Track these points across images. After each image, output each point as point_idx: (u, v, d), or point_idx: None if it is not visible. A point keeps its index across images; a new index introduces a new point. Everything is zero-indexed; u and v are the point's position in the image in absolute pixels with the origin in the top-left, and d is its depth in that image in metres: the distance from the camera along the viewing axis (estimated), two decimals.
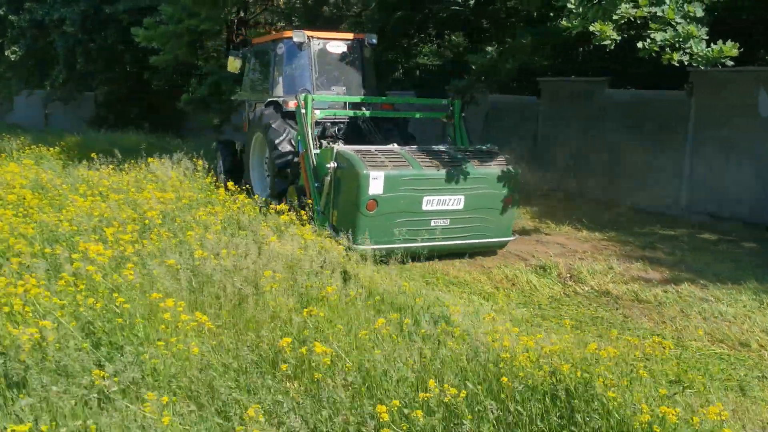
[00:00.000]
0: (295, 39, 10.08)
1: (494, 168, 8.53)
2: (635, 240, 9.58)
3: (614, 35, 6.86)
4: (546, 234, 10.16)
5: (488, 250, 8.93)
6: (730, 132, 10.94)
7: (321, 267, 6.06)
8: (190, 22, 12.20)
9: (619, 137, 12.82)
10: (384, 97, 10.76)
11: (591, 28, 6.76)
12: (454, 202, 8.26)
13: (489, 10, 17.03)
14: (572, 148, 13.87)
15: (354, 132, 10.17)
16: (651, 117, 12.24)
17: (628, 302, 7.05)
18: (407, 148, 8.74)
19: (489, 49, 10.05)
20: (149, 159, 10.69)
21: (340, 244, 7.06)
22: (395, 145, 8.79)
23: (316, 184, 8.47)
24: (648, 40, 6.98)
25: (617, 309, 6.87)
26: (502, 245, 8.96)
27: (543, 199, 12.94)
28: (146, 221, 6.86)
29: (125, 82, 27.19)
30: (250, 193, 9.08)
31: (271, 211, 7.79)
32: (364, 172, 7.73)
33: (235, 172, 11.42)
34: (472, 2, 22.08)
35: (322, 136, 9.85)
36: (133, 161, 10.64)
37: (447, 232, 8.29)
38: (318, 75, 10.29)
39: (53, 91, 25.47)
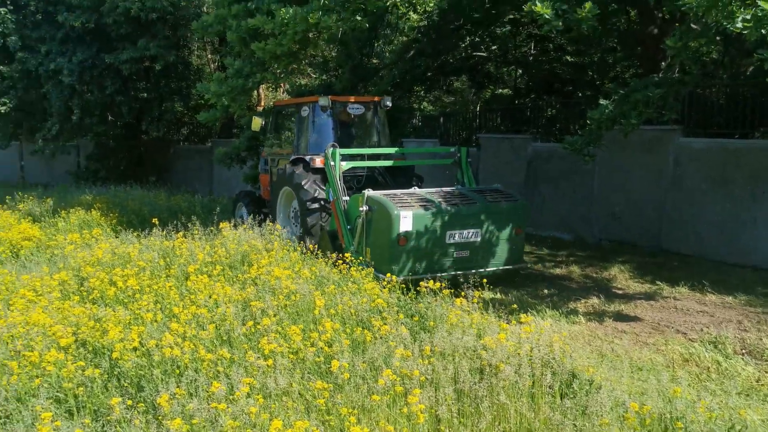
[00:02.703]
0: (320, 103, 11.09)
1: (504, 203, 9.66)
2: None
3: None
4: (674, 299, 9.31)
5: (504, 275, 9.75)
6: None
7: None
8: (264, 75, 11.34)
9: (699, 189, 12.20)
10: (399, 149, 12.17)
11: None
12: (473, 234, 9.28)
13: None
14: (639, 201, 13.22)
15: (369, 181, 11.23)
16: (739, 167, 11.63)
17: None
18: (427, 190, 9.69)
19: (603, 102, 9.22)
20: (222, 224, 9.71)
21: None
22: (416, 188, 9.88)
23: (348, 227, 9.49)
24: None
25: None
26: (516, 271, 9.96)
27: (626, 255, 12.20)
28: (315, 311, 5.77)
29: (116, 133, 25.92)
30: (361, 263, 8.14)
31: (422, 290, 6.85)
32: (396, 212, 8.67)
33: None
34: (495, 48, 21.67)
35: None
36: (212, 228, 9.56)
37: (467, 261, 9.32)
38: (340, 134, 11.37)
39: (46, 144, 23.97)
